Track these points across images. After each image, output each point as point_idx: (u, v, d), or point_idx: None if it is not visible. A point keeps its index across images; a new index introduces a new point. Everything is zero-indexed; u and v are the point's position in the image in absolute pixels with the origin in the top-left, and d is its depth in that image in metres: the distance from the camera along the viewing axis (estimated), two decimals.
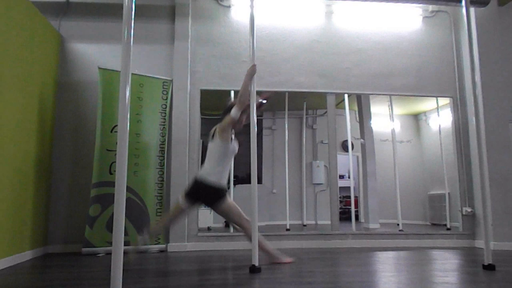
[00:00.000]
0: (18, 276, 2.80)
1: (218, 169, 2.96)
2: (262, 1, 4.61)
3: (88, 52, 4.40)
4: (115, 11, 4.46)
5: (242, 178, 6.02)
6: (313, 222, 6.70)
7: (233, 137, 3.06)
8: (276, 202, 6.45)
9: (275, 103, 6.54)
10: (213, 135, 3.04)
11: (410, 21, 4.88)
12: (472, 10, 4.22)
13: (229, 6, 4.65)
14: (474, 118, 3.13)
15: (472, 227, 4.48)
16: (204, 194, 2.96)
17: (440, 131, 5.53)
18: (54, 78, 4.22)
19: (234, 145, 3.08)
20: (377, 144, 6.27)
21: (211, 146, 3.03)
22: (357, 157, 6.71)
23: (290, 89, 4.66)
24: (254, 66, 2.97)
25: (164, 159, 4.23)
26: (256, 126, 2.89)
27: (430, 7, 4.85)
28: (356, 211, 6.65)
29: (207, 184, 2.92)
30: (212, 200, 2.96)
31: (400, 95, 4.92)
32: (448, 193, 5.18)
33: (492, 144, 4.25)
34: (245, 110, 3.01)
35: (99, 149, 3.90)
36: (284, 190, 5.84)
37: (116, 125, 3.69)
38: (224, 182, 3.02)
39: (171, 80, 4.38)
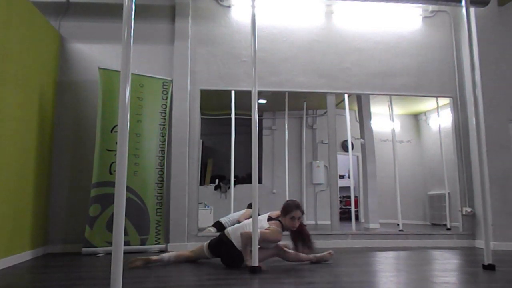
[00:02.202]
0: (18, 276, 2.80)
1: None
2: (263, 1, 4.61)
3: (88, 52, 4.40)
4: (115, 11, 4.46)
5: (242, 178, 6.03)
6: (313, 222, 6.69)
7: None
8: (276, 202, 6.44)
9: (275, 103, 6.55)
10: None
11: (410, 21, 4.88)
12: (472, 10, 4.23)
13: (229, 6, 4.65)
14: (474, 118, 3.13)
15: (472, 227, 4.48)
16: (227, 254, 3.01)
17: (440, 131, 5.53)
18: (54, 78, 4.22)
19: None
20: (377, 144, 6.27)
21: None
22: (357, 157, 6.71)
23: (290, 89, 4.66)
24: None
25: (164, 159, 4.23)
26: (257, 126, 2.89)
27: (430, 7, 4.84)
28: (356, 211, 6.65)
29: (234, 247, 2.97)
30: (233, 262, 3.00)
31: (400, 95, 4.92)
32: (448, 193, 5.18)
33: (492, 144, 4.25)
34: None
35: (99, 149, 3.90)
36: (284, 190, 5.84)
37: (116, 125, 3.68)
38: None
39: (171, 80, 4.38)
